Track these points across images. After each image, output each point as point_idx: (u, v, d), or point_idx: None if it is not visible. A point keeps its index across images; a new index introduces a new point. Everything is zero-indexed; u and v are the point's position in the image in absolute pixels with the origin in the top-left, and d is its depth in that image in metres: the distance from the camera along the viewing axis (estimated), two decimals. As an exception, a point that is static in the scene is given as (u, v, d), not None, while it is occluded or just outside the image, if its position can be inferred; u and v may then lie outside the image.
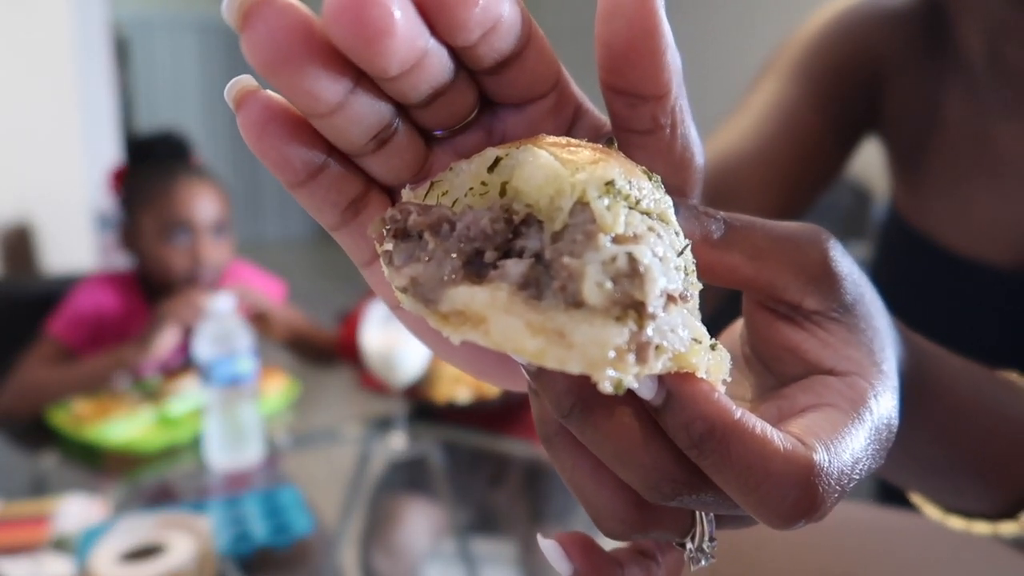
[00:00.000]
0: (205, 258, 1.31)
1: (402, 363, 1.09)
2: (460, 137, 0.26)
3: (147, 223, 1.31)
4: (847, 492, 0.23)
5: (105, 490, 1.01)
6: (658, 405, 0.22)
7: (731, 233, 0.26)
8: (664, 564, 0.27)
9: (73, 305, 1.33)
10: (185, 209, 1.31)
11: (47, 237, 3.17)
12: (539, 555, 0.91)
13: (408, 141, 0.24)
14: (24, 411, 1.20)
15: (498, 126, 0.26)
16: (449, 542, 0.92)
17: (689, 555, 0.25)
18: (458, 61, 0.23)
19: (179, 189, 1.31)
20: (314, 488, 1.01)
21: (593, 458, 0.24)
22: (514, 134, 0.26)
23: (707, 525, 0.25)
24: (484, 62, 0.23)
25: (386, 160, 0.24)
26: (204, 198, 1.34)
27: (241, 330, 1.04)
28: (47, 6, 3.13)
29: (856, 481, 0.24)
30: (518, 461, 1.13)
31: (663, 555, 0.27)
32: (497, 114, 0.26)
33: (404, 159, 0.24)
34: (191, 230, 1.31)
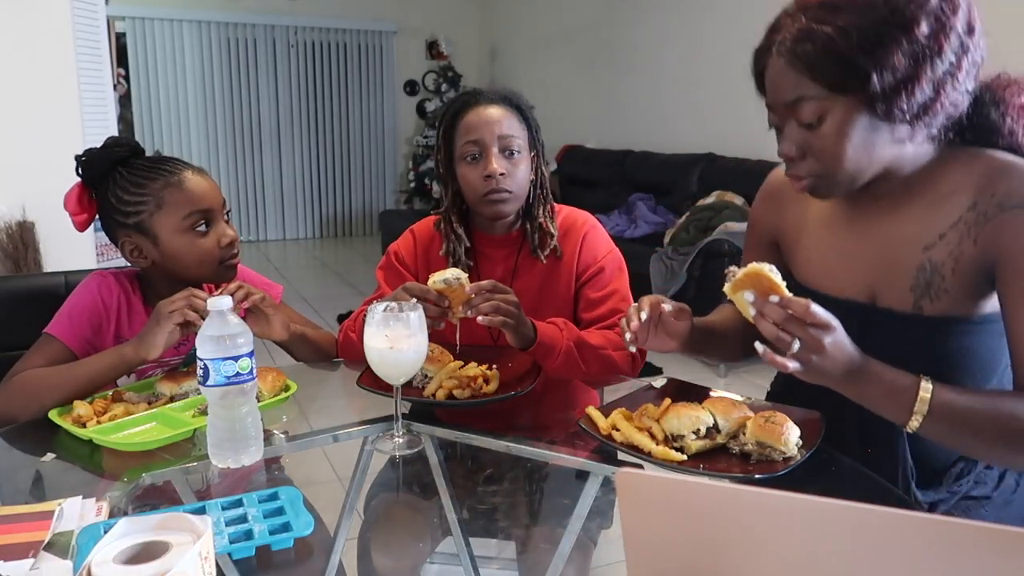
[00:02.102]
0: (233, 236, 1.35)
1: (402, 363, 1.09)
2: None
3: (164, 224, 1.30)
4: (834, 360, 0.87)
5: (105, 490, 1.01)
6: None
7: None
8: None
9: (73, 304, 1.33)
10: (203, 198, 1.32)
11: (47, 237, 3.17)
12: (539, 555, 0.91)
13: None
14: (24, 411, 1.20)
15: None
16: (449, 542, 0.92)
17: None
18: None
19: (189, 180, 1.32)
20: (314, 488, 1.01)
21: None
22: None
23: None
24: None
25: None
26: (210, 183, 1.36)
27: (241, 329, 1.04)
28: (48, 6, 3.13)
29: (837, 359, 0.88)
30: (518, 461, 1.13)
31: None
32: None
33: None
34: (211, 217, 1.33)
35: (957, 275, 0.98)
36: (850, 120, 0.94)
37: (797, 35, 0.93)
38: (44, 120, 3.16)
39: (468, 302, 1.25)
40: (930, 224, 1.00)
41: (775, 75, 0.98)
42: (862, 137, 0.94)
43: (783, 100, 0.98)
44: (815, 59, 0.92)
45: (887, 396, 0.92)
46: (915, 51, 0.90)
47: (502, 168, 1.41)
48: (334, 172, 7.77)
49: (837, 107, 0.94)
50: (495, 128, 1.41)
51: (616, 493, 0.60)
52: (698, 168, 4.91)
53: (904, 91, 0.90)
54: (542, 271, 1.50)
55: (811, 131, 0.96)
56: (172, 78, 6.89)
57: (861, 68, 0.90)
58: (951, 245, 0.98)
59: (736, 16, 4.82)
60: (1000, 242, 0.93)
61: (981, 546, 0.47)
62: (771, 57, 0.98)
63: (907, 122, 0.94)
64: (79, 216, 1.34)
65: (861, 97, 0.92)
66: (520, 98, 1.48)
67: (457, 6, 7.85)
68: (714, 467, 1.01)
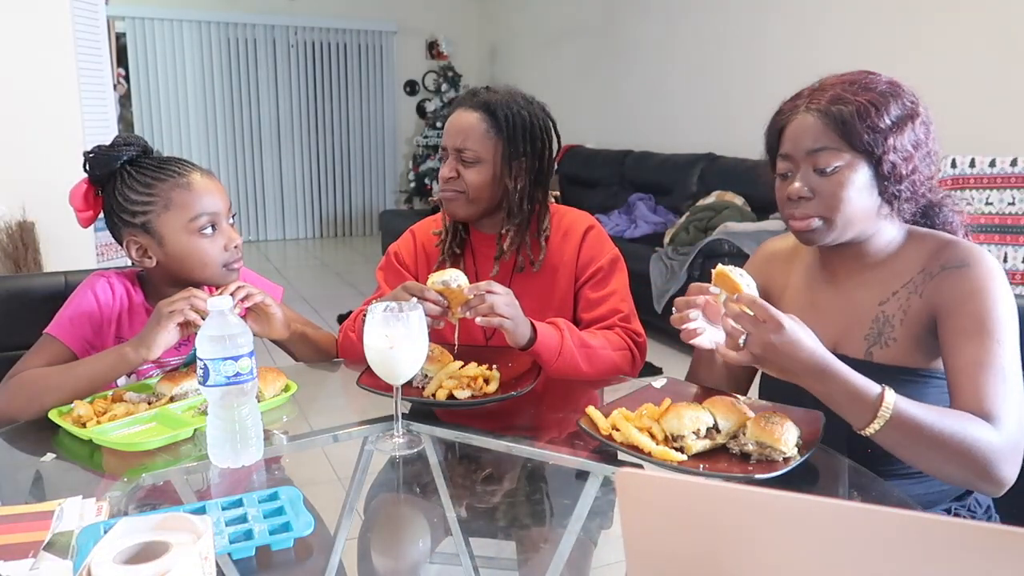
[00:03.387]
0: (239, 240, 1.35)
1: (402, 363, 1.09)
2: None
3: (171, 225, 1.30)
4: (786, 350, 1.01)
5: (105, 490, 1.01)
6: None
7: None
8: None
9: (74, 305, 1.33)
10: (211, 201, 1.32)
11: (47, 237, 3.17)
12: (539, 555, 0.91)
13: None
14: (24, 411, 1.20)
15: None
16: (449, 542, 0.92)
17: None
18: None
19: (197, 183, 1.32)
20: (314, 488, 1.01)
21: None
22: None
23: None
24: None
25: None
26: (217, 186, 1.36)
27: (241, 329, 1.03)
28: (48, 6, 3.13)
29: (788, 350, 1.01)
30: (518, 461, 1.13)
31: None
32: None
33: None
34: (218, 221, 1.33)
35: (905, 325, 1.14)
36: (856, 175, 1.12)
37: (832, 98, 1.12)
38: (44, 120, 3.16)
39: (466, 303, 1.25)
40: (886, 285, 1.18)
41: (801, 128, 1.14)
42: (859, 193, 1.12)
43: (805, 148, 1.13)
44: (846, 118, 1.10)
45: (851, 399, 1.00)
46: (916, 141, 1.12)
47: (452, 172, 1.48)
48: (334, 172, 7.77)
49: (849, 161, 1.11)
50: (455, 137, 1.47)
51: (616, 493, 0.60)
52: (698, 168, 4.91)
53: (902, 174, 1.11)
54: (541, 271, 1.50)
55: (822, 177, 1.13)
56: (172, 78, 6.89)
57: (881, 137, 1.09)
58: (901, 300, 1.16)
59: (736, 16, 4.82)
60: (940, 294, 1.11)
61: (981, 546, 0.47)
62: (797, 115, 1.16)
63: (891, 200, 1.14)
64: (84, 213, 1.34)
65: (871, 161, 1.11)
66: (504, 106, 1.47)
67: (457, 6, 7.86)
68: (714, 467, 1.01)
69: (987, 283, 1.08)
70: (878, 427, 0.98)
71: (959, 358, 1.06)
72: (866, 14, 3.97)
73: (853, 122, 1.10)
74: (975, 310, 1.06)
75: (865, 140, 1.09)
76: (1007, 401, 1.01)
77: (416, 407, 1.28)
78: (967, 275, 1.09)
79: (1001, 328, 1.05)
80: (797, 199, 1.14)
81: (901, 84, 1.15)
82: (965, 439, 0.97)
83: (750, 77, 4.72)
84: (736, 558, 0.55)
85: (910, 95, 1.14)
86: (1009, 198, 3.09)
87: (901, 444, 1.00)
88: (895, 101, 1.11)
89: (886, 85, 1.13)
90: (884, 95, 1.11)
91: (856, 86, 1.12)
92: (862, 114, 1.10)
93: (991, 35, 3.38)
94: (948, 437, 0.97)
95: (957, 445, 0.97)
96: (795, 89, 1.23)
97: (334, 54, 7.54)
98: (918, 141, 1.12)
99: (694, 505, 0.57)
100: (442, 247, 1.55)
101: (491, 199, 1.49)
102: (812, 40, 4.28)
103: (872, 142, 1.09)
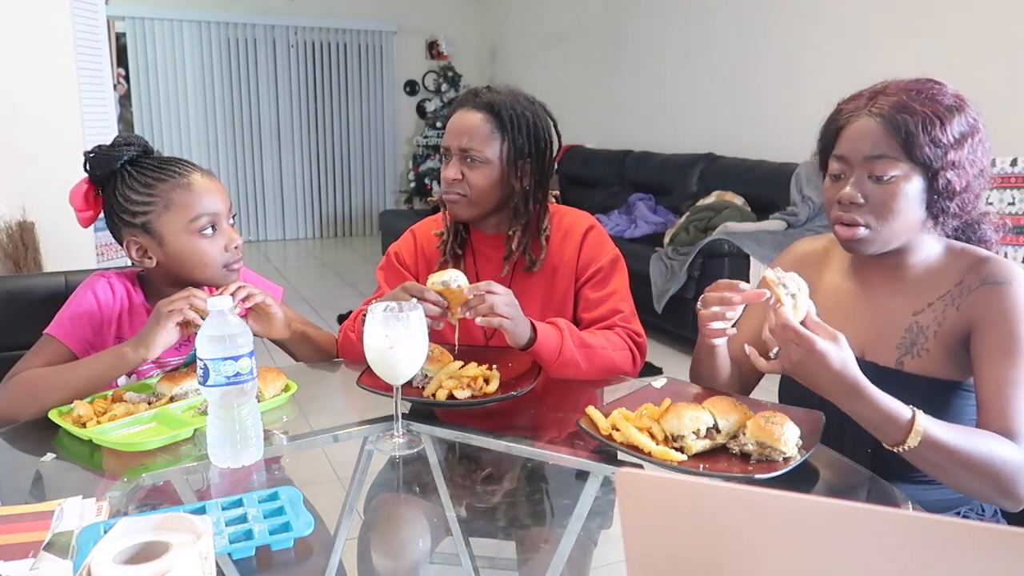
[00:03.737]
0: (239, 241, 1.35)
1: (402, 363, 1.09)
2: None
3: (171, 226, 1.30)
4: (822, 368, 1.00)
5: (105, 490, 1.01)
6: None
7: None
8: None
9: (74, 306, 1.33)
10: (211, 201, 1.32)
11: (47, 237, 3.17)
12: (539, 555, 0.91)
13: None
14: (24, 411, 1.20)
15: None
16: (449, 542, 0.92)
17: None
18: None
19: (197, 183, 1.32)
20: (314, 488, 1.01)
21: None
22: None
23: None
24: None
25: None
26: (218, 186, 1.35)
27: (241, 329, 1.03)
28: (48, 6, 3.13)
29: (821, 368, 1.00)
30: (518, 461, 1.13)
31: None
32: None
33: None
34: (218, 221, 1.32)
35: (939, 337, 1.14)
36: (910, 187, 1.11)
37: (896, 105, 1.10)
38: (44, 120, 3.16)
39: (466, 303, 1.25)
40: (921, 295, 1.17)
41: (862, 131, 1.12)
42: (909, 205, 1.11)
43: (864, 153, 1.12)
44: (910, 128, 1.08)
45: (883, 420, 1.01)
46: (973, 159, 1.11)
47: (457, 174, 1.46)
48: (334, 172, 7.77)
49: (907, 172, 1.10)
50: (460, 138, 1.46)
51: (616, 493, 0.60)
52: (698, 168, 4.91)
53: (954, 191, 1.10)
54: (541, 271, 1.50)
55: (877, 184, 1.11)
56: (172, 78, 6.89)
57: (942, 152, 1.08)
58: (937, 312, 1.15)
59: (736, 17, 4.82)
60: (977, 309, 1.11)
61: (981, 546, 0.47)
62: (859, 117, 1.13)
63: (937, 215, 1.13)
64: (84, 212, 1.34)
65: (927, 174, 1.10)
66: (507, 106, 1.46)
67: (457, 6, 7.86)
68: (714, 467, 1.01)
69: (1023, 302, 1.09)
70: (907, 448, 0.99)
71: (990, 375, 1.07)
72: (866, 14, 3.96)
73: (916, 133, 1.08)
74: (1012, 328, 1.07)
75: (926, 153, 1.08)
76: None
77: (416, 407, 1.28)
78: (1007, 293, 1.09)
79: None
80: (848, 204, 1.13)
81: (965, 99, 1.13)
82: (992, 460, 0.99)
83: (750, 77, 4.71)
84: (736, 558, 0.55)
85: (974, 111, 1.12)
86: (1009, 198, 3.09)
87: (929, 463, 1.01)
88: (959, 116, 1.10)
89: (952, 98, 1.11)
90: (950, 109, 1.10)
91: (922, 96, 1.10)
92: (926, 126, 1.08)
93: (992, 35, 3.38)
94: (975, 458, 0.99)
95: (984, 465, 0.99)
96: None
97: (334, 54, 7.54)
98: (975, 159, 1.11)
99: (694, 505, 0.57)
100: (443, 248, 1.55)
101: (495, 200, 1.48)
102: (812, 41, 4.27)
103: (932, 156, 1.08)
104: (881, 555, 0.49)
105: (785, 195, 4.14)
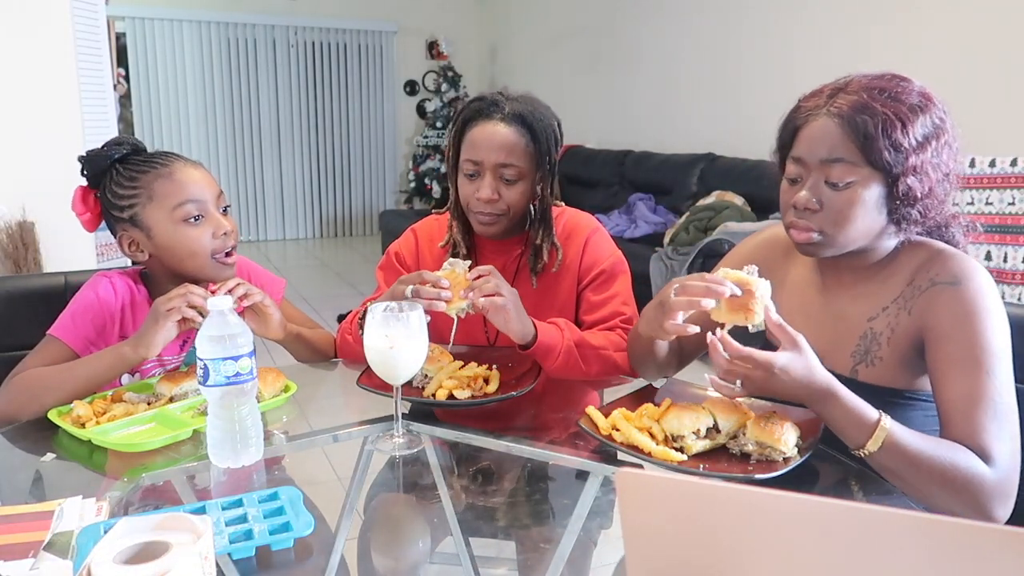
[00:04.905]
0: (229, 228, 1.34)
1: (402, 363, 1.09)
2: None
3: (156, 216, 1.30)
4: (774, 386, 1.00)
5: (105, 490, 1.01)
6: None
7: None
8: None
9: (76, 306, 1.33)
10: (195, 189, 1.32)
11: (47, 237, 3.17)
12: (539, 555, 0.91)
13: None
14: (23, 411, 1.20)
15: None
16: (449, 542, 0.92)
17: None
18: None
19: (179, 172, 1.32)
20: (314, 488, 1.01)
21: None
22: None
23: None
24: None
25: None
26: (203, 174, 1.35)
27: (241, 329, 1.03)
28: (48, 6, 3.13)
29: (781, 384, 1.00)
30: (518, 461, 1.13)
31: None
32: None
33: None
34: (204, 209, 1.32)
35: (892, 344, 1.12)
36: (868, 192, 1.06)
37: (856, 105, 1.04)
38: (44, 120, 3.16)
39: (468, 287, 1.23)
40: (877, 299, 1.14)
41: (820, 132, 1.07)
42: (867, 211, 1.07)
43: (820, 156, 1.07)
44: (869, 131, 1.03)
45: (848, 422, 0.99)
46: (937, 162, 1.06)
47: (494, 194, 1.40)
48: (334, 172, 7.77)
49: (865, 177, 1.05)
50: (497, 154, 1.39)
51: (616, 493, 0.60)
52: (698, 168, 4.91)
53: (916, 197, 1.05)
54: (544, 273, 1.50)
55: (834, 190, 1.07)
56: (172, 78, 6.89)
57: (903, 156, 1.03)
58: (891, 316, 1.12)
59: (736, 17, 4.82)
60: (928, 314, 1.07)
61: (981, 546, 0.47)
62: (817, 117, 1.08)
63: (898, 222, 1.09)
64: (85, 215, 1.35)
65: (886, 180, 1.05)
66: (536, 116, 1.42)
67: (457, 6, 7.85)
68: (714, 467, 1.01)
69: (978, 305, 1.03)
70: (872, 450, 0.97)
71: (950, 391, 1.03)
72: (866, 13, 3.96)
73: (876, 136, 1.03)
74: (966, 338, 1.03)
75: (885, 158, 1.03)
76: (999, 437, 0.99)
77: (416, 407, 1.28)
78: (958, 296, 1.04)
79: (992, 358, 1.02)
80: (803, 209, 1.09)
81: (932, 97, 1.07)
82: (958, 471, 0.96)
83: (750, 77, 4.71)
84: (736, 558, 0.55)
85: (939, 110, 1.07)
86: (1009, 198, 3.09)
87: (894, 470, 0.99)
88: (923, 116, 1.04)
89: (917, 97, 1.06)
90: (913, 109, 1.04)
91: (885, 95, 1.04)
92: (887, 128, 1.02)
93: (991, 35, 3.38)
94: (942, 468, 0.96)
95: (950, 476, 0.96)
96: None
97: (334, 54, 7.54)
98: (939, 163, 1.06)
99: (694, 505, 0.57)
100: (451, 252, 1.52)
101: (524, 212, 1.47)
102: (811, 41, 4.28)
103: (892, 161, 1.03)
104: (881, 555, 0.49)
105: (785, 195, 4.14)
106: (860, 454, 0.99)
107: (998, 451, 0.99)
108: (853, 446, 0.99)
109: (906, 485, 0.99)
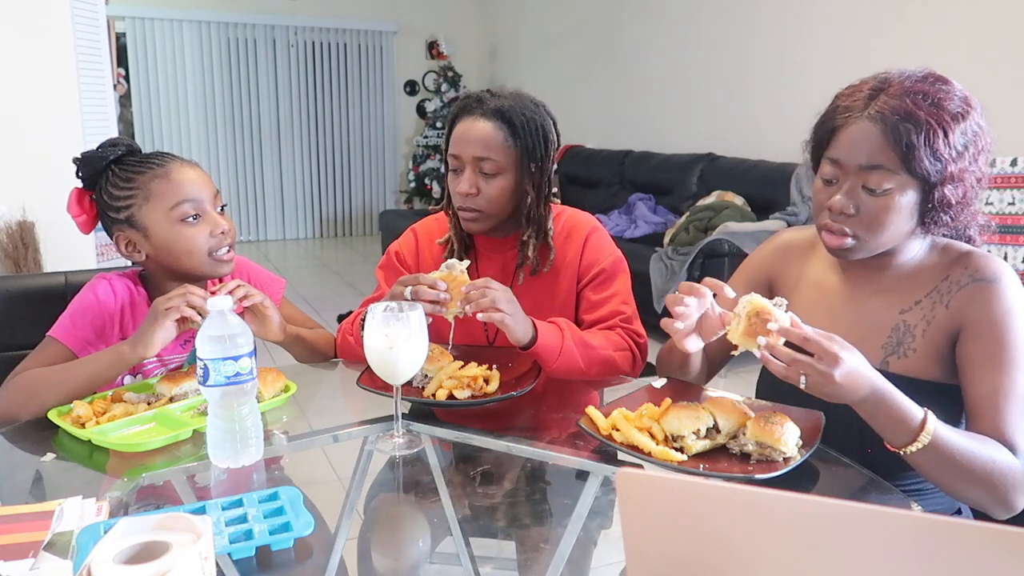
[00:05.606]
0: (226, 227, 1.34)
1: (402, 363, 1.09)
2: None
3: (152, 216, 1.31)
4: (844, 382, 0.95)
5: (105, 490, 1.01)
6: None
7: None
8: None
9: (76, 307, 1.33)
10: (192, 188, 1.32)
11: (47, 237, 3.17)
12: (539, 555, 0.91)
13: None
14: (23, 410, 1.20)
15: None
16: (449, 542, 0.92)
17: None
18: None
19: (176, 172, 1.32)
20: (314, 488, 1.01)
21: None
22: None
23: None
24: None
25: None
26: (199, 174, 1.35)
27: (241, 329, 1.03)
28: (48, 6, 3.13)
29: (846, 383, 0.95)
30: (518, 461, 1.13)
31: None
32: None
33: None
34: (201, 208, 1.32)
35: (927, 336, 1.11)
36: (904, 199, 1.06)
37: (899, 110, 1.03)
38: (44, 120, 3.16)
39: (465, 297, 1.24)
40: (908, 293, 1.15)
41: (860, 136, 1.06)
42: (902, 217, 1.08)
43: (860, 162, 1.07)
44: (911, 140, 1.02)
45: (896, 422, 0.98)
46: (972, 171, 1.07)
47: (472, 188, 1.42)
48: (334, 172, 7.77)
49: (902, 184, 1.06)
50: (474, 147, 1.41)
51: (616, 493, 0.60)
52: (698, 168, 4.91)
53: (950, 204, 1.06)
54: (542, 272, 1.50)
55: (870, 196, 1.07)
56: (172, 78, 6.89)
57: (942, 166, 1.03)
58: (925, 309, 1.12)
59: (737, 17, 4.82)
60: (967, 308, 1.08)
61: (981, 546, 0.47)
62: (858, 120, 1.07)
63: (929, 226, 1.10)
64: (80, 217, 1.35)
65: (923, 187, 1.05)
66: (517, 111, 1.42)
67: (457, 6, 7.85)
68: (714, 467, 1.01)
69: (1015, 303, 1.06)
70: (914, 450, 0.98)
71: (982, 384, 1.04)
72: (865, 14, 3.97)
73: (917, 146, 1.02)
74: (1002, 335, 1.05)
75: (924, 167, 1.03)
76: (1022, 429, 1.02)
77: (416, 407, 1.28)
78: (997, 292, 1.07)
79: (1021, 354, 1.05)
80: (839, 213, 1.09)
81: (972, 101, 1.07)
82: (993, 468, 0.98)
83: (751, 77, 4.71)
84: (736, 558, 0.55)
85: (978, 115, 1.07)
86: (1009, 198, 3.09)
87: (931, 467, 0.99)
88: (963, 123, 1.05)
89: (959, 104, 1.05)
90: (955, 117, 1.04)
91: (928, 101, 1.04)
92: (929, 137, 1.02)
93: (991, 35, 3.38)
94: (977, 465, 0.98)
95: (985, 474, 0.98)
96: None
97: (334, 54, 7.54)
98: (975, 169, 1.07)
99: (694, 505, 0.57)
100: (448, 256, 1.53)
101: (509, 209, 1.46)
102: (811, 41, 4.27)
103: (931, 170, 1.03)
104: (881, 555, 0.49)
105: (785, 195, 4.14)
106: (903, 452, 0.99)
107: (1022, 442, 1.02)
108: (896, 445, 0.99)
109: (938, 478, 1.01)
